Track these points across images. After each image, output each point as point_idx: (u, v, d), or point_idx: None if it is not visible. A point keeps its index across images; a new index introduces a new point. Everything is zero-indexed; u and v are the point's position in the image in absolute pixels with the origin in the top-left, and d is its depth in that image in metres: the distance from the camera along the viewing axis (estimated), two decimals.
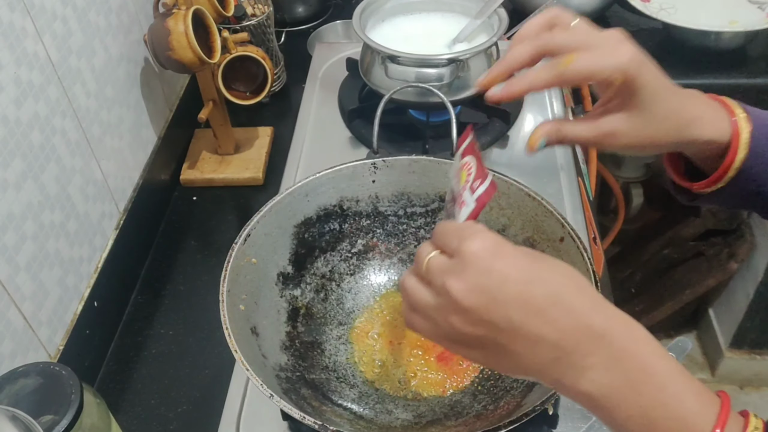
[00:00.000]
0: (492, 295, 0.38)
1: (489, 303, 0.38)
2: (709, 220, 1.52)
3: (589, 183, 1.03)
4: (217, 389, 0.72)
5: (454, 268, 0.40)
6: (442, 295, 0.40)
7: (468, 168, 0.50)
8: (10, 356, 0.65)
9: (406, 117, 0.99)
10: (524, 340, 0.38)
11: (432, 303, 0.41)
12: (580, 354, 0.38)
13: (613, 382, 0.38)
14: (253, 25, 1.07)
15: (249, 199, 1.01)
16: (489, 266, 0.38)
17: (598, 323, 0.38)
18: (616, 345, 0.38)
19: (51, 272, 0.72)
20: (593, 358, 0.38)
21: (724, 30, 1.12)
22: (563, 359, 0.38)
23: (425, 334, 0.43)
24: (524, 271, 0.39)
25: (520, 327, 0.38)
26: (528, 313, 0.38)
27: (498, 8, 0.92)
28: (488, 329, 0.39)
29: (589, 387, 0.38)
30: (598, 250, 0.86)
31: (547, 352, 0.38)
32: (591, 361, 0.38)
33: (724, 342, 1.66)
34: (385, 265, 0.76)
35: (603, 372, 0.38)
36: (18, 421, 0.45)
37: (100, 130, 0.83)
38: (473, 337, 0.40)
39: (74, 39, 0.78)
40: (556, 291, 0.38)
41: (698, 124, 0.52)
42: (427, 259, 0.42)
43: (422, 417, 0.64)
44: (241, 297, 0.63)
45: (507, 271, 0.38)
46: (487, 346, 0.40)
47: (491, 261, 0.39)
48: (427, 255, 0.42)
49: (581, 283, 0.40)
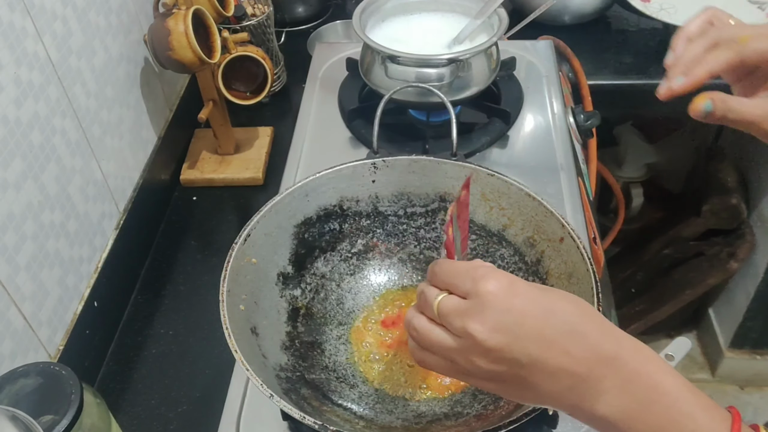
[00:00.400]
0: (513, 333, 0.39)
1: (511, 341, 0.39)
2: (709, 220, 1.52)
3: (589, 183, 1.03)
4: (217, 389, 0.72)
5: (472, 310, 0.40)
6: (464, 338, 0.40)
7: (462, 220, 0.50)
8: (10, 356, 0.65)
9: (406, 117, 0.99)
10: (543, 372, 0.39)
11: (452, 345, 0.42)
12: (595, 379, 0.39)
13: (626, 403, 0.39)
14: (253, 25, 1.07)
15: (249, 199, 1.01)
16: (508, 305, 0.39)
17: (608, 348, 0.39)
18: (627, 367, 0.39)
19: (51, 272, 0.72)
20: (607, 382, 0.39)
21: None
22: (579, 386, 0.39)
23: (440, 371, 0.44)
24: (538, 305, 0.40)
25: (539, 360, 0.39)
26: (546, 346, 0.39)
27: (498, 8, 0.92)
28: (510, 365, 0.40)
29: (605, 410, 0.39)
30: (598, 250, 0.86)
31: (564, 381, 0.39)
32: (605, 385, 0.39)
33: (724, 342, 1.66)
34: (385, 265, 0.76)
35: (617, 395, 0.39)
36: (18, 421, 0.45)
37: (100, 130, 0.83)
38: (495, 373, 0.41)
39: (74, 39, 0.78)
40: (569, 321, 0.40)
41: None
42: (436, 301, 0.42)
43: (422, 417, 0.64)
44: (241, 297, 0.63)
45: (524, 307, 0.39)
46: (507, 380, 0.41)
47: (509, 300, 0.40)
48: (436, 297, 0.43)
49: (588, 311, 0.41)
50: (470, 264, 0.43)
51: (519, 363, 0.39)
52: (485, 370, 0.41)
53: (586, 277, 0.60)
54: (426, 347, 0.44)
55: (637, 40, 1.24)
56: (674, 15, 1.17)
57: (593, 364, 0.39)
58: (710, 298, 1.70)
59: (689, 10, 1.18)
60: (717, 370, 1.70)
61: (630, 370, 0.39)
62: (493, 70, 0.94)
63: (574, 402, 0.40)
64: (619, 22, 1.28)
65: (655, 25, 1.22)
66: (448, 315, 0.42)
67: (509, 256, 0.71)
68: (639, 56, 1.20)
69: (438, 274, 0.44)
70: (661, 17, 1.15)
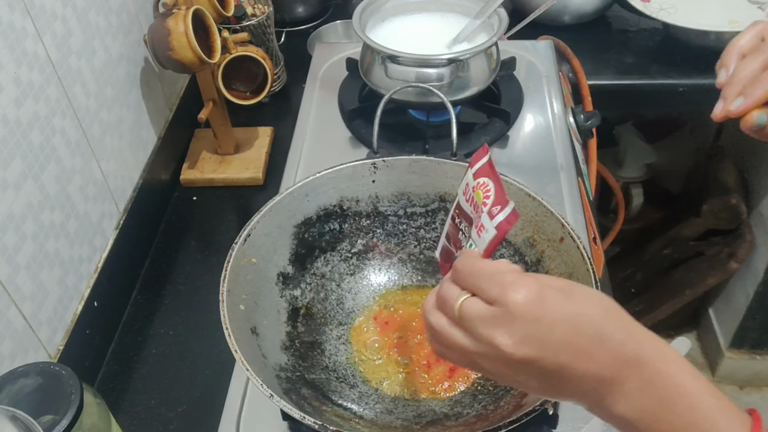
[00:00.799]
0: (542, 343, 0.39)
1: (540, 351, 0.39)
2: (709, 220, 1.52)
3: (589, 183, 1.03)
4: (217, 389, 0.72)
5: (499, 319, 0.39)
6: (489, 346, 0.40)
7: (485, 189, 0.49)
8: (10, 356, 0.65)
9: (406, 117, 0.99)
10: (569, 378, 0.39)
11: (474, 350, 0.41)
12: (618, 381, 0.39)
13: (647, 404, 0.39)
14: (253, 25, 1.07)
15: (249, 199, 1.01)
16: (536, 315, 0.39)
17: (631, 349, 0.39)
18: (648, 368, 0.39)
19: (51, 272, 0.72)
20: (629, 383, 0.39)
21: (724, 30, 1.12)
22: (602, 388, 0.39)
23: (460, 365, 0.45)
24: (567, 312, 0.39)
25: (567, 367, 0.39)
26: (574, 353, 0.39)
27: (498, 8, 0.92)
28: (536, 372, 0.40)
29: (625, 411, 0.39)
30: (598, 250, 0.86)
31: (588, 384, 0.39)
32: (627, 386, 0.39)
33: (724, 342, 1.66)
34: (385, 265, 0.76)
35: (638, 395, 0.39)
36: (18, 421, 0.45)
37: (100, 130, 0.83)
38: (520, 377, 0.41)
39: (74, 39, 0.78)
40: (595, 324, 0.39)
41: None
42: (459, 302, 0.41)
43: (422, 417, 0.64)
44: (241, 297, 0.63)
45: (552, 315, 0.39)
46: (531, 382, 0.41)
47: (539, 310, 0.39)
48: (459, 298, 0.42)
49: (613, 311, 0.40)
50: (498, 267, 0.42)
51: (546, 369, 0.39)
52: (509, 375, 0.41)
53: (586, 277, 0.60)
54: (445, 346, 0.43)
55: (637, 40, 1.24)
56: (674, 15, 1.17)
57: (617, 366, 0.39)
58: (710, 298, 1.70)
59: (689, 10, 1.18)
60: (717, 370, 1.70)
61: (652, 370, 0.39)
62: (493, 70, 0.94)
63: (595, 401, 0.40)
64: (619, 22, 1.28)
65: (655, 25, 1.22)
66: (471, 321, 0.41)
67: (509, 256, 0.71)
68: (639, 56, 1.20)
69: (462, 273, 0.42)
70: (661, 17, 1.15)
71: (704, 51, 1.16)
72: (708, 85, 1.13)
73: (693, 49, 1.17)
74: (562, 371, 0.39)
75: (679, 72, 1.15)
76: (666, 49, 1.20)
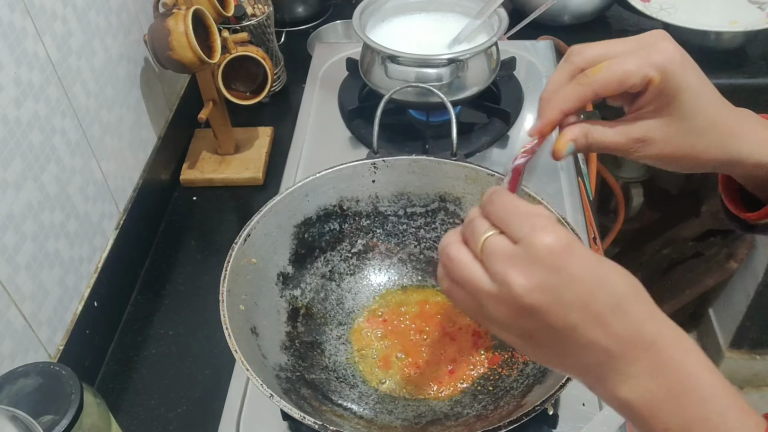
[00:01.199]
0: (556, 295, 0.36)
1: (551, 303, 0.36)
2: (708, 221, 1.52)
3: (589, 183, 1.03)
4: (217, 389, 0.72)
5: (520, 258, 0.37)
6: (500, 284, 0.37)
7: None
8: (10, 356, 0.65)
9: (406, 117, 0.99)
10: (575, 342, 0.37)
11: (485, 287, 0.38)
12: (627, 360, 0.37)
13: (655, 390, 0.36)
14: (253, 25, 1.07)
15: (249, 199, 1.01)
16: (559, 264, 0.36)
17: (649, 330, 0.37)
18: (664, 353, 0.37)
19: (51, 272, 0.72)
20: (639, 364, 0.37)
21: (724, 30, 1.12)
22: (608, 363, 0.37)
23: (464, 309, 0.41)
24: (591, 273, 0.37)
25: (575, 329, 0.36)
26: (587, 316, 0.36)
27: (498, 8, 0.92)
28: (541, 326, 0.37)
29: (629, 394, 0.37)
30: (598, 250, 0.86)
31: (594, 355, 0.37)
32: (636, 367, 0.37)
33: (724, 342, 1.66)
34: (385, 265, 0.76)
35: (647, 379, 0.37)
36: (18, 421, 0.45)
37: (100, 130, 0.83)
38: (522, 329, 0.38)
39: (74, 39, 0.78)
40: (618, 295, 0.37)
41: (746, 141, 0.46)
42: (484, 237, 0.39)
43: (422, 417, 0.64)
44: (241, 297, 0.63)
45: (575, 271, 0.36)
46: (533, 339, 0.39)
47: (563, 259, 0.36)
48: (485, 232, 0.39)
49: (640, 290, 0.38)
50: (533, 208, 0.39)
51: (552, 327, 0.37)
52: (512, 323, 0.38)
53: None
54: (456, 281, 0.40)
55: None
56: (674, 15, 1.17)
57: (629, 344, 0.36)
58: (710, 298, 1.70)
59: (689, 10, 1.18)
60: None
61: (666, 356, 0.36)
62: (493, 70, 0.94)
63: (597, 377, 0.38)
64: (619, 22, 1.28)
65: (655, 25, 1.22)
66: (491, 255, 0.38)
67: None
68: None
69: (494, 207, 0.39)
70: (661, 17, 1.15)
71: (704, 51, 1.16)
72: None
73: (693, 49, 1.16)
74: (569, 332, 0.36)
75: None
76: None
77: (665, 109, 0.44)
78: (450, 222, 0.75)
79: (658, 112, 0.45)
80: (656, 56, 0.43)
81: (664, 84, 0.43)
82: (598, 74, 0.43)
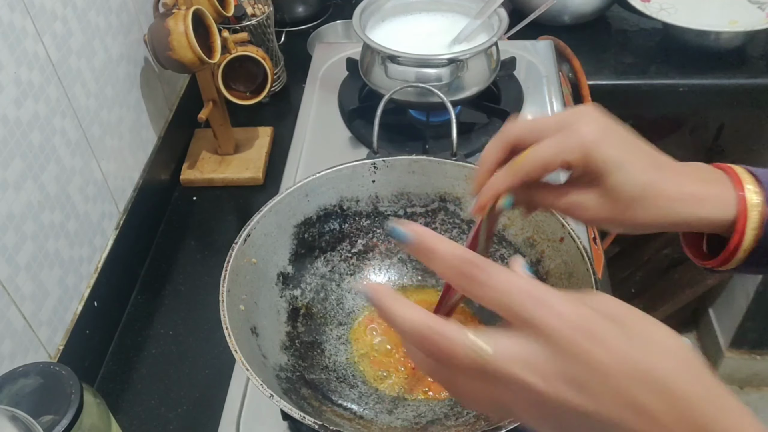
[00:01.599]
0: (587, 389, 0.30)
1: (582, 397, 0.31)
2: None
3: None
4: (217, 389, 0.72)
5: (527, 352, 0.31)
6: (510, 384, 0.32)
7: None
8: (10, 356, 0.65)
9: (406, 117, 0.99)
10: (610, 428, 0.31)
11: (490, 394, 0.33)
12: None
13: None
14: (253, 25, 1.07)
15: (249, 199, 1.01)
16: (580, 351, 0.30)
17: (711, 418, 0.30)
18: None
19: (51, 272, 0.72)
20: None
21: (724, 30, 1.12)
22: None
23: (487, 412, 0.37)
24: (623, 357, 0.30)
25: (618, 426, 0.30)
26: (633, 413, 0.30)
27: (498, 8, 0.92)
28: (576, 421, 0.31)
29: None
30: (598, 250, 0.86)
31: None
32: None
33: (724, 342, 1.66)
34: (385, 265, 0.76)
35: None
36: (18, 421, 0.45)
37: (100, 130, 0.83)
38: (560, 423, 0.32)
39: (74, 39, 0.78)
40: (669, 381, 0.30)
41: (689, 202, 0.45)
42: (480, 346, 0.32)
43: (422, 417, 0.64)
44: (241, 297, 0.63)
45: (605, 360, 0.30)
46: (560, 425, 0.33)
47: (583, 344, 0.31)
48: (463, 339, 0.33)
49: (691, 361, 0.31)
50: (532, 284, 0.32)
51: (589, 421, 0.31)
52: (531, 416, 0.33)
53: (586, 277, 0.60)
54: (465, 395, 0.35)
55: (637, 40, 1.24)
56: (674, 15, 1.17)
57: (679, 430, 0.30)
58: (710, 298, 1.70)
59: (689, 10, 1.18)
60: (717, 370, 1.71)
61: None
62: (493, 70, 0.94)
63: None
64: (619, 22, 1.28)
65: (655, 25, 1.22)
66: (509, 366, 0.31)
67: (509, 256, 0.71)
68: (639, 56, 1.20)
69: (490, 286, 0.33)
70: (661, 17, 1.15)
71: (704, 51, 1.16)
72: (708, 85, 1.13)
73: (693, 49, 1.17)
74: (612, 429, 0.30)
75: (678, 72, 1.15)
76: (666, 49, 1.20)
77: (594, 181, 0.45)
78: (450, 222, 0.75)
79: (589, 184, 0.46)
80: (573, 139, 0.43)
81: (585, 163, 0.44)
82: (524, 162, 0.44)
